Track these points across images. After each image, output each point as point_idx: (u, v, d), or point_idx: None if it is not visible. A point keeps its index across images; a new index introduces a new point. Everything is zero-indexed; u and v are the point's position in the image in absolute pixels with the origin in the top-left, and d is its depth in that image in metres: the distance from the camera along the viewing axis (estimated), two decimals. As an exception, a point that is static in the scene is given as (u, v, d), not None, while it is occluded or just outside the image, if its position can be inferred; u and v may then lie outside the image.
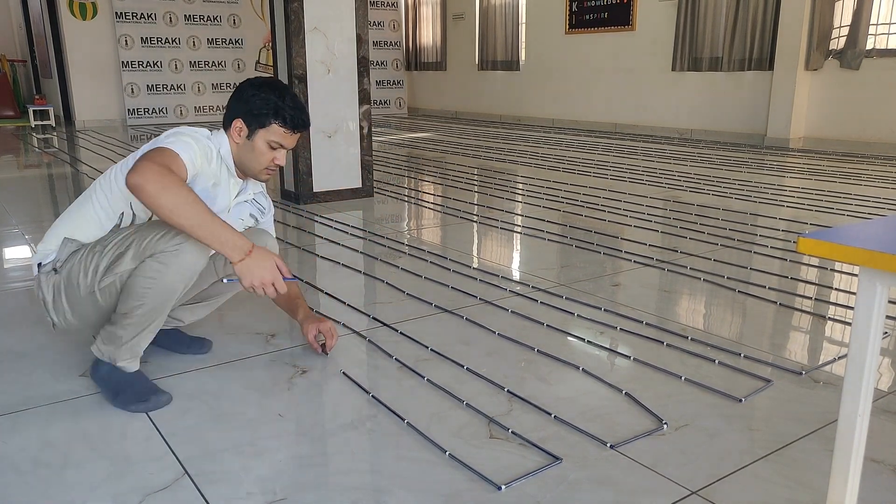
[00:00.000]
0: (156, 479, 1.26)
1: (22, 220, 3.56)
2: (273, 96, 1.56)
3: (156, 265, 1.42)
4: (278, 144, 1.59)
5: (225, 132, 1.62)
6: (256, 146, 1.58)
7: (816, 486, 1.22)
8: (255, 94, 1.56)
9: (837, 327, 2.02)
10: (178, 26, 9.11)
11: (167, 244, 1.42)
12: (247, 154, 1.60)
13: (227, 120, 1.61)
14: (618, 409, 1.51)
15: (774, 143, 6.31)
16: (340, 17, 3.73)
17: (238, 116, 1.58)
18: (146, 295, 1.45)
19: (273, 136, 1.58)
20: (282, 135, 1.58)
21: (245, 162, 1.61)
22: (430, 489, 1.22)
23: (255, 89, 1.57)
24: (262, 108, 1.56)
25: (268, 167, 1.62)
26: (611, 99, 7.91)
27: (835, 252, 0.75)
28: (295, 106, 1.58)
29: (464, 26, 9.89)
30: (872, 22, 5.71)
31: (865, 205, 3.71)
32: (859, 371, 0.82)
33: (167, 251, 1.42)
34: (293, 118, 1.58)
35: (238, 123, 1.58)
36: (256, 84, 1.58)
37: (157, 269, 1.42)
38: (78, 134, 8.03)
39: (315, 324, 1.78)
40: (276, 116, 1.56)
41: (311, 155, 3.79)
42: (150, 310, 1.48)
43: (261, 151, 1.59)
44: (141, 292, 1.45)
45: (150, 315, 1.49)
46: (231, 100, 1.61)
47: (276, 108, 1.56)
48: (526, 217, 3.52)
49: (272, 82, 1.60)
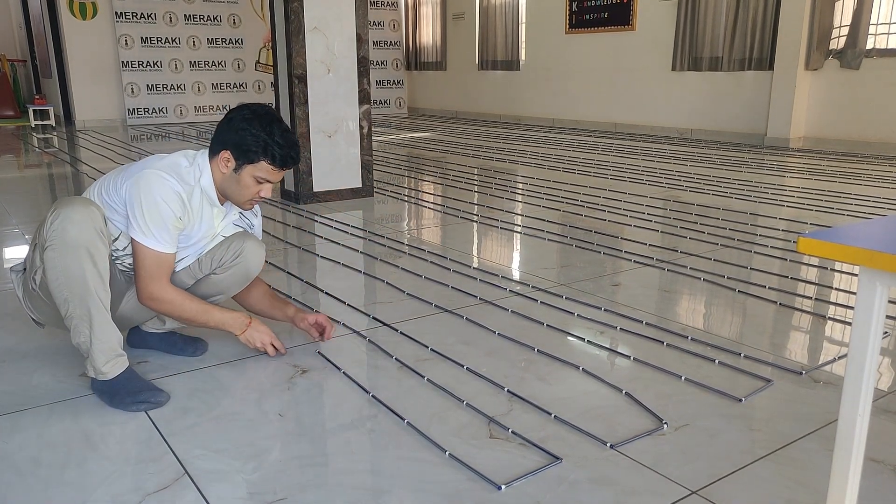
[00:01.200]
0: (156, 479, 1.26)
1: (22, 220, 3.56)
2: (264, 133, 1.55)
3: (50, 254, 1.44)
4: (265, 179, 1.60)
5: (209, 157, 1.61)
6: (243, 180, 1.59)
7: (816, 486, 1.22)
8: (245, 129, 1.55)
9: (837, 327, 2.02)
10: (178, 26, 9.11)
11: (49, 231, 1.44)
12: (232, 186, 1.61)
13: (214, 147, 1.60)
14: (618, 409, 1.51)
15: (774, 143, 6.31)
16: (340, 16, 3.73)
17: (226, 148, 1.58)
18: (60, 286, 1.45)
19: (260, 173, 1.58)
20: (269, 171, 1.59)
21: (229, 193, 1.63)
22: (430, 489, 1.22)
23: (246, 123, 1.56)
24: (251, 143, 1.56)
25: (252, 199, 1.63)
26: (611, 99, 7.91)
27: (835, 252, 0.75)
28: (286, 143, 1.58)
29: (464, 26, 9.89)
30: (872, 22, 5.71)
31: (866, 204, 3.71)
32: (859, 371, 0.82)
33: (52, 237, 1.43)
34: (283, 157, 1.58)
35: (226, 154, 1.58)
36: (248, 116, 1.57)
37: (52, 256, 1.44)
38: (78, 134, 8.03)
39: (310, 316, 1.83)
40: (265, 154, 1.56)
41: (311, 155, 3.79)
42: (77, 299, 1.45)
43: (246, 185, 1.60)
44: (55, 286, 1.46)
45: (80, 305, 1.45)
46: (221, 127, 1.60)
47: (265, 145, 1.56)
48: (526, 217, 3.52)
49: (264, 115, 1.58)
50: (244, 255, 1.70)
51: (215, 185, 1.62)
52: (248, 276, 1.74)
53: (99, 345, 1.49)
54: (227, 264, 1.70)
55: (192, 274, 1.70)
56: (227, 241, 1.71)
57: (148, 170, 1.53)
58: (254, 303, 1.84)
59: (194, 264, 1.70)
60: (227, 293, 1.76)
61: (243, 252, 1.69)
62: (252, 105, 1.61)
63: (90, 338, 1.48)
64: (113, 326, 1.52)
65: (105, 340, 1.50)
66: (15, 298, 2.34)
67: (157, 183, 1.52)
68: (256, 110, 1.59)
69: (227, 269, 1.70)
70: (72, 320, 1.48)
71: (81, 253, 1.43)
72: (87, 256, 1.44)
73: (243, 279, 1.74)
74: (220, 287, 1.73)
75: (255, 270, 1.74)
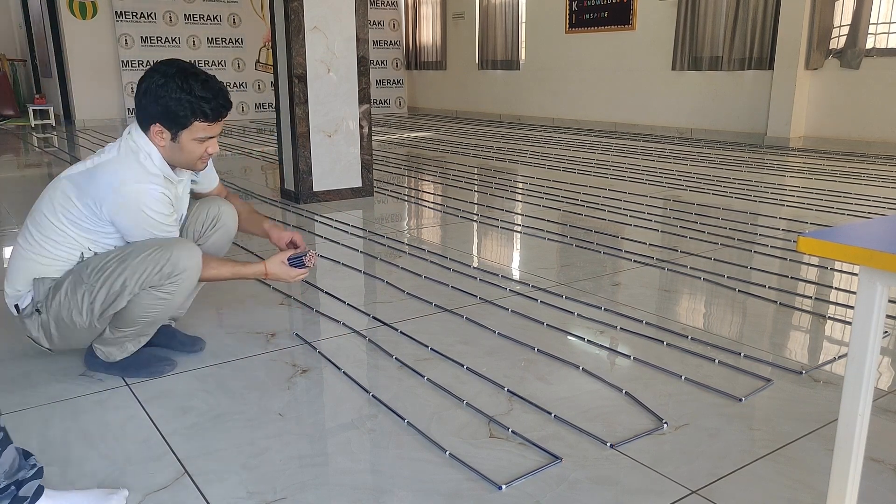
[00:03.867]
0: (156, 478, 1.26)
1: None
2: (184, 94, 1.47)
3: (161, 294, 1.54)
4: (206, 137, 1.54)
5: (144, 133, 1.54)
6: (184, 146, 1.54)
7: (817, 486, 1.22)
8: (164, 95, 1.47)
9: (837, 327, 2.02)
10: (178, 26, 9.11)
11: (165, 279, 1.51)
12: (177, 154, 1.56)
13: (143, 123, 1.53)
14: (618, 409, 1.51)
15: (775, 143, 6.31)
16: (340, 16, 3.73)
17: (154, 121, 1.51)
18: (149, 315, 1.58)
19: (198, 133, 1.53)
20: (206, 128, 1.53)
21: (177, 161, 1.58)
22: (430, 489, 1.22)
23: (163, 89, 1.47)
24: (177, 109, 1.48)
25: (201, 158, 1.59)
26: (611, 98, 7.91)
27: (835, 251, 0.75)
28: (211, 95, 1.49)
29: (464, 25, 9.88)
30: (872, 21, 5.71)
31: (865, 204, 3.71)
32: (859, 370, 0.81)
33: (168, 284, 1.53)
34: (214, 110, 1.51)
35: (156, 128, 1.51)
36: (161, 81, 1.47)
37: (162, 297, 1.54)
38: (78, 133, 8.03)
39: (285, 233, 1.83)
40: (194, 115, 1.49)
41: (310, 154, 3.79)
42: (150, 323, 1.62)
43: (190, 150, 1.55)
44: (143, 314, 1.57)
45: (148, 328, 1.64)
46: (140, 100, 1.51)
47: (191, 106, 1.48)
48: (526, 216, 3.52)
49: (177, 72, 1.48)
50: (222, 220, 1.77)
51: (165, 157, 1.56)
52: (230, 237, 1.83)
53: (133, 348, 1.64)
54: (207, 233, 1.77)
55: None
56: (201, 211, 1.75)
57: (125, 187, 1.50)
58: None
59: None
60: (219, 254, 1.80)
61: (220, 217, 1.76)
62: (160, 66, 1.51)
63: (133, 342, 1.63)
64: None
65: (139, 347, 1.66)
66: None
67: (141, 197, 1.51)
68: (166, 71, 1.49)
69: (210, 236, 1.78)
70: (130, 329, 1.59)
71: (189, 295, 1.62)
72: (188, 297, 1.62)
73: (227, 240, 1.83)
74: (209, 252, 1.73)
75: (234, 227, 1.81)
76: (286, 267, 1.69)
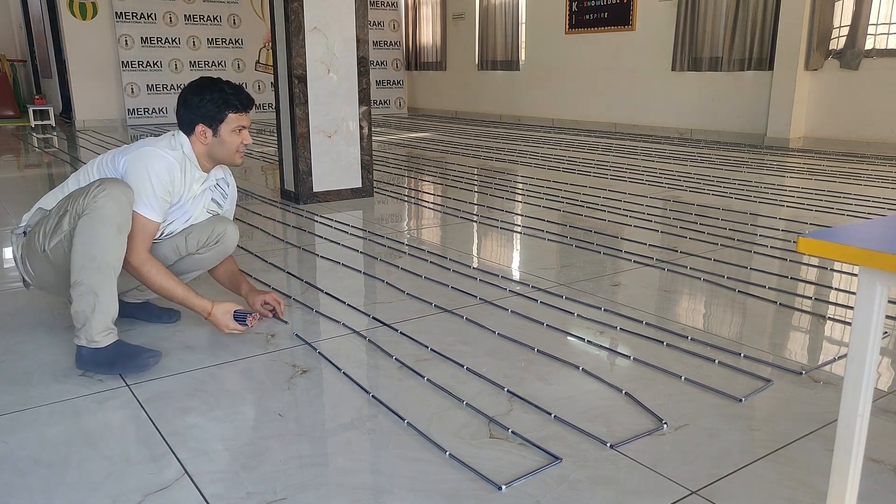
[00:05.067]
0: (156, 478, 1.26)
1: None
2: (217, 94, 1.81)
3: (86, 220, 1.61)
4: (240, 127, 1.85)
5: (186, 135, 1.84)
6: (224, 139, 1.84)
7: (817, 486, 1.22)
8: (201, 100, 1.80)
9: (837, 327, 2.02)
10: (178, 26, 9.11)
11: (91, 202, 1.62)
12: (218, 148, 1.85)
13: (186, 128, 1.84)
14: (618, 409, 1.51)
15: (774, 143, 6.31)
16: (340, 17, 3.73)
17: (197, 122, 1.82)
18: (83, 252, 1.61)
19: (233, 124, 1.84)
20: (238, 118, 1.84)
21: (219, 155, 1.87)
22: (430, 489, 1.22)
23: (199, 97, 1.81)
24: (213, 108, 1.81)
25: (238, 149, 1.88)
26: (611, 99, 7.91)
27: (835, 252, 0.75)
28: (236, 91, 1.84)
29: (464, 26, 9.89)
30: (872, 22, 5.71)
31: (865, 205, 3.71)
32: (859, 371, 0.82)
33: (91, 208, 1.61)
34: (241, 101, 1.84)
35: (200, 128, 1.83)
36: (196, 91, 1.82)
37: (87, 223, 1.61)
38: (78, 134, 8.03)
39: (261, 295, 2.01)
40: (227, 107, 1.82)
41: (310, 155, 3.79)
42: (93, 268, 1.61)
43: (230, 141, 1.85)
44: (78, 251, 1.62)
45: (95, 275, 1.61)
46: (182, 111, 1.84)
47: (223, 101, 1.81)
48: (526, 217, 3.52)
49: (206, 83, 1.83)
50: (224, 238, 1.96)
51: (198, 155, 1.86)
52: (225, 255, 2.01)
53: (100, 315, 1.64)
54: (210, 245, 1.95)
55: (177, 251, 1.91)
56: (209, 225, 1.94)
57: (146, 147, 1.77)
58: (219, 275, 2.08)
59: (181, 242, 1.90)
60: (206, 269, 2.01)
61: (224, 236, 1.96)
62: (192, 83, 1.85)
63: (94, 307, 1.63)
64: (116, 301, 1.68)
65: (106, 312, 1.65)
66: (15, 298, 2.34)
67: (151, 158, 1.75)
68: (199, 83, 1.84)
69: (210, 249, 1.95)
70: (80, 287, 1.62)
71: (114, 229, 1.62)
72: (118, 233, 1.63)
73: (221, 257, 2.00)
74: (200, 264, 1.97)
75: (231, 250, 2.01)
76: (228, 317, 1.84)
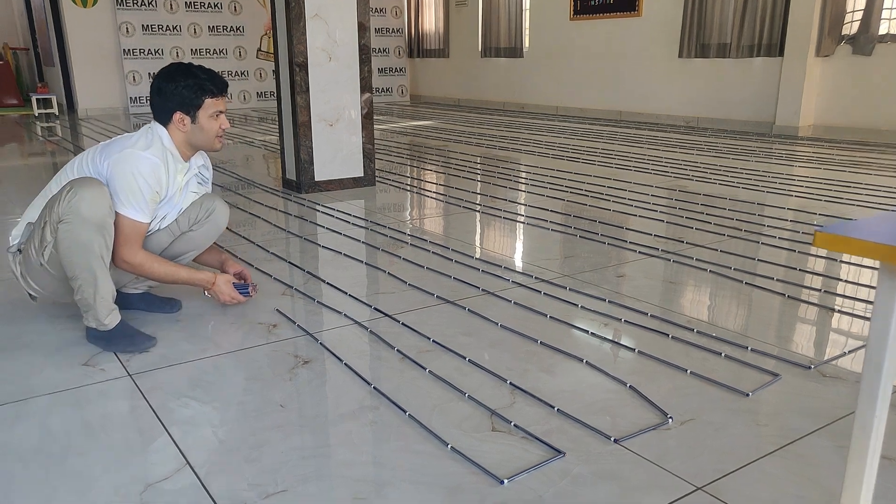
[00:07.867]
0: (157, 469, 1.25)
1: (25, 209, 3.54)
2: (191, 80, 1.81)
3: (64, 227, 1.65)
4: (217, 112, 1.86)
5: (163, 125, 1.84)
6: (203, 125, 1.85)
7: (826, 483, 1.20)
8: (176, 87, 1.80)
9: (847, 320, 2.00)
10: (179, 14, 9.04)
11: (66, 207, 1.64)
12: (198, 135, 1.87)
13: (163, 117, 1.84)
14: (622, 403, 1.49)
15: (783, 132, 6.24)
16: (341, 3, 3.68)
17: (174, 111, 1.82)
18: (71, 254, 1.66)
19: (211, 109, 1.85)
20: (215, 103, 1.85)
21: (199, 142, 1.89)
22: (432, 482, 1.21)
23: (173, 84, 1.80)
24: (189, 94, 1.81)
25: (218, 134, 1.89)
26: (616, 86, 7.83)
27: (853, 247, 0.72)
28: (210, 76, 1.84)
29: (466, 12, 9.78)
30: (887, 6, 5.59)
31: (876, 195, 3.66)
32: (877, 370, 0.79)
33: (67, 213, 1.64)
34: (216, 85, 1.85)
35: (178, 116, 1.83)
36: (169, 78, 1.81)
37: (66, 229, 1.65)
38: (80, 122, 8.00)
39: (233, 266, 2.07)
40: (203, 93, 1.82)
41: (312, 143, 3.76)
42: (84, 263, 1.66)
43: (209, 126, 1.86)
44: (66, 255, 1.66)
45: (87, 268, 1.67)
46: (157, 101, 1.83)
47: (199, 86, 1.82)
48: (529, 206, 3.49)
49: (179, 69, 1.83)
50: (215, 212, 1.99)
51: (178, 144, 1.86)
52: (218, 230, 2.03)
53: (101, 300, 1.72)
54: (201, 221, 1.98)
55: (171, 232, 1.95)
56: (199, 203, 1.98)
57: (127, 149, 1.76)
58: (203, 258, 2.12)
59: (173, 224, 1.94)
60: (200, 248, 2.03)
61: (214, 210, 1.99)
62: (162, 71, 1.84)
63: (94, 293, 1.70)
64: (111, 283, 1.74)
65: (105, 295, 1.73)
66: (17, 288, 2.34)
67: (136, 161, 1.75)
68: (170, 70, 1.83)
69: (202, 225, 1.99)
70: (77, 280, 1.69)
71: (92, 226, 1.65)
72: (97, 229, 1.66)
73: (214, 233, 2.02)
74: (195, 243, 2.00)
75: (224, 224, 2.03)
76: (231, 287, 1.96)
